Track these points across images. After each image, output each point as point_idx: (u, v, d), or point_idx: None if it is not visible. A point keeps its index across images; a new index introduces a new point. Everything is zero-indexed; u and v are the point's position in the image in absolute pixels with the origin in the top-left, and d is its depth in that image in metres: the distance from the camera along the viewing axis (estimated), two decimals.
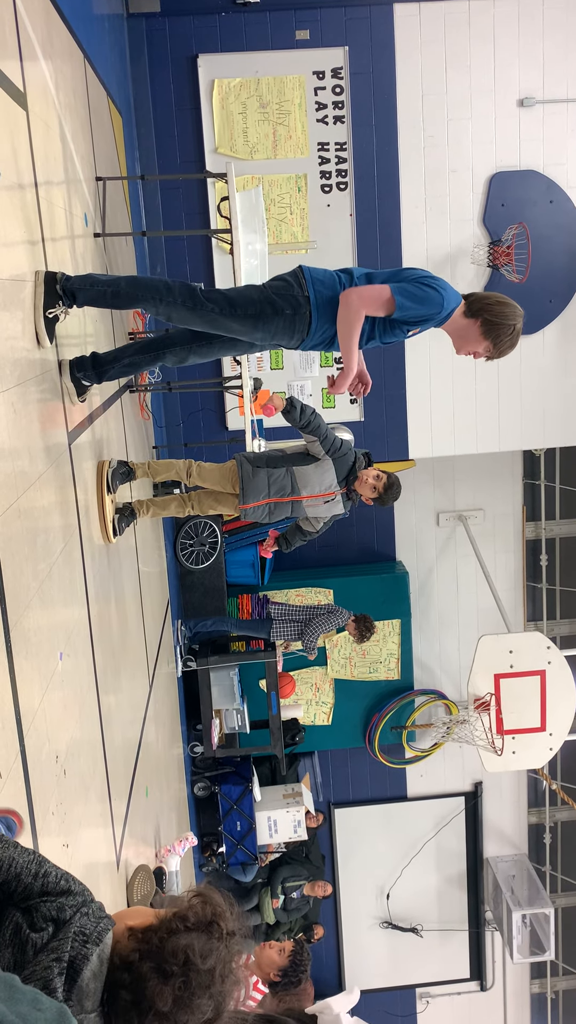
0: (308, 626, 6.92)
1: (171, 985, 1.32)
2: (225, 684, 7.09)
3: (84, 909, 1.37)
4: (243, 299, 3.38)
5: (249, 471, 4.57)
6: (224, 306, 3.37)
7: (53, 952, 1.29)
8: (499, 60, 6.93)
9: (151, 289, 3.36)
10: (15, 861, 1.41)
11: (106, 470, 3.99)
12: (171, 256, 7.03)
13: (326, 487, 4.59)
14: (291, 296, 3.36)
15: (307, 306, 3.35)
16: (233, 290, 3.45)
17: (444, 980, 9.52)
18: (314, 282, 3.37)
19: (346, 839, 9.10)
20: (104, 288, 3.29)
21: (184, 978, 1.33)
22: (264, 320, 3.39)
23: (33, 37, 3.19)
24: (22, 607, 2.44)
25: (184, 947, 1.36)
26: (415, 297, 3.28)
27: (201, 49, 6.76)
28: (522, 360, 7.40)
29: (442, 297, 3.30)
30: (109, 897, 3.43)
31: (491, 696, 7.15)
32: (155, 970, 1.33)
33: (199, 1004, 1.33)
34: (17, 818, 2.10)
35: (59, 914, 1.35)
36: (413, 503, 8.51)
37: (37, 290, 2.95)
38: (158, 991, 1.31)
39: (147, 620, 5.24)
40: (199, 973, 1.34)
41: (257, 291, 3.41)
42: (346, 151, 6.98)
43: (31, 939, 1.32)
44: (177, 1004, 1.32)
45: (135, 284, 3.36)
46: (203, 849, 7.29)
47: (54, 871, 1.43)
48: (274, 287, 3.40)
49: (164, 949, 1.36)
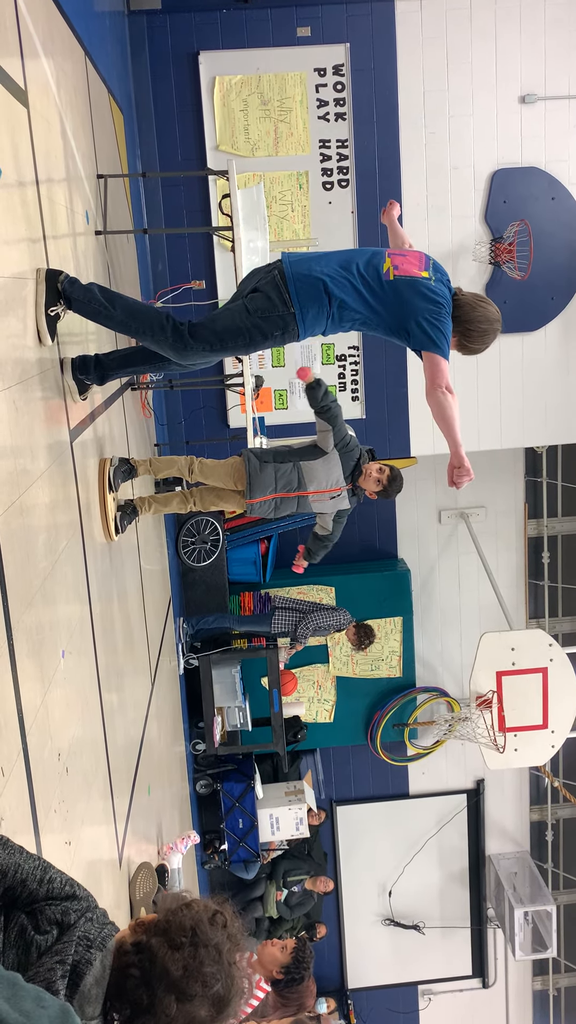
0: (306, 617, 6.92)
1: (181, 953, 1.35)
2: (227, 681, 7.09)
3: (89, 915, 1.39)
4: (231, 332, 3.33)
5: (256, 465, 4.58)
6: (213, 342, 3.34)
7: (57, 955, 1.30)
8: (501, 56, 6.92)
9: (144, 323, 3.33)
10: (20, 867, 1.42)
11: (108, 468, 3.98)
12: (172, 254, 7.03)
13: (332, 482, 4.61)
14: (277, 317, 3.29)
15: (293, 323, 3.31)
16: (219, 321, 3.35)
17: (446, 977, 9.52)
18: (299, 295, 3.28)
19: (348, 836, 9.10)
20: (99, 307, 3.27)
21: (193, 949, 1.36)
22: (255, 345, 3.39)
23: (34, 34, 3.19)
24: (24, 605, 2.44)
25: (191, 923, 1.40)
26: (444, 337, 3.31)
27: (202, 46, 6.75)
28: (524, 357, 7.39)
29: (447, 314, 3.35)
30: (111, 895, 3.43)
31: (493, 693, 7.16)
32: (165, 943, 1.37)
33: (209, 974, 1.36)
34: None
35: (64, 918, 1.37)
36: (415, 501, 8.50)
37: (39, 287, 2.95)
38: (169, 958, 1.34)
39: (149, 618, 5.24)
40: (207, 947, 1.38)
41: (243, 317, 3.32)
42: (347, 148, 6.97)
43: (36, 941, 1.33)
44: (187, 971, 1.34)
45: (130, 314, 3.32)
46: (205, 847, 7.30)
47: (59, 877, 1.44)
48: (259, 309, 3.30)
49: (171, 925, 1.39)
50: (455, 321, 3.39)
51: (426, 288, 3.31)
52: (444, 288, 3.38)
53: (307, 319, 3.31)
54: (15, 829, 2.19)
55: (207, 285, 6.87)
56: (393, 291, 3.32)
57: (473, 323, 3.38)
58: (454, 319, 3.38)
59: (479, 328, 3.39)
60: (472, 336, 3.41)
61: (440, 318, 3.29)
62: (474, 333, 3.40)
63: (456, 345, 3.45)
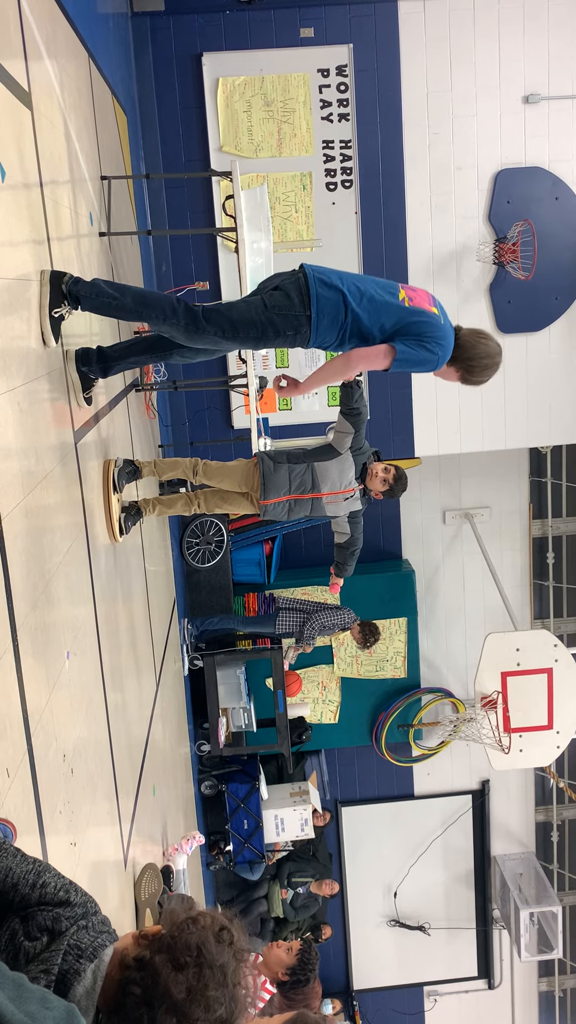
0: (311, 617, 6.92)
1: (185, 975, 1.29)
2: (232, 682, 7.09)
3: (83, 922, 1.34)
4: (245, 322, 3.36)
5: (270, 466, 4.61)
6: (226, 329, 3.36)
7: (43, 963, 1.26)
8: (504, 56, 6.91)
9: (155, 308, 3.35)
10: (11, 871, 1.39)
11: (112, 469, 3.99)
12: (176, 255, 7.03)
13: (346, 483, 4.67)
14: (293, 316, 3.33)
15: (307, 326, 3.35)
16: (236, 310, 3.39)
17: (452, 978, 9.51)
18: (319, 302, 3.32)
19: (353, 837, 9.09)
20: (109, 300, 3.29)
21: (197, 969, 1.30)
22: (266, 341, 3.42)
23: (38, 36, 3.19)
24: (29, 606, 2.45)
25: (197, 942, 1.33)
26: (412, 362, 3.38)
27: (206, 47, 6.76)
28: (528, 357, 7.38)
29: (438, 359, 3.42)
30: (116, 896, 3.43)
31: (498, 694, 7.14)
32: (168, 962, 1.30)
33: (213, 997, 1.30)
34: (12, 826, 2.09)
35: (54, 925, 1.33)
36: (419, 501, 8.49)
37: (43, 289, 2.95)
38: (172, 979, 1.28)
39: (153, 619, 5.24)
40: (212, 968, 1.32)
41: (259, 311, 3.36)
42: (351, 149, 6.97)
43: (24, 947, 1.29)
44: (191, 994, 1.28)
45: (140, 301, 3.35)
46: (210, 847, 7.29)
47: (54, 881, 1.40)
48: (277, 306, 3.34)
49: (177, 944, 1.33)
50: (458, 358, 3.49)
51: (435, 324, 3.41)
52: (449, 327, 3.47)
53: (321, 325, 3.35)
54: (21, 830, 2.19)
55: (211, 286, 6.88)
56: (407, 312, 3.40)
57: (475, 359, 3.49)
58: (456, 355, 3.48)
59: (481, 364, 3.50)
60: (475, 371, 3.52)
61: (427, 348, 3.38)
62: (476, 368, 3.51)
63: (460, 379, 3.56)
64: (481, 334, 3.52)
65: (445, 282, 7.23)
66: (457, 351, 3.47)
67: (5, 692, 2.19)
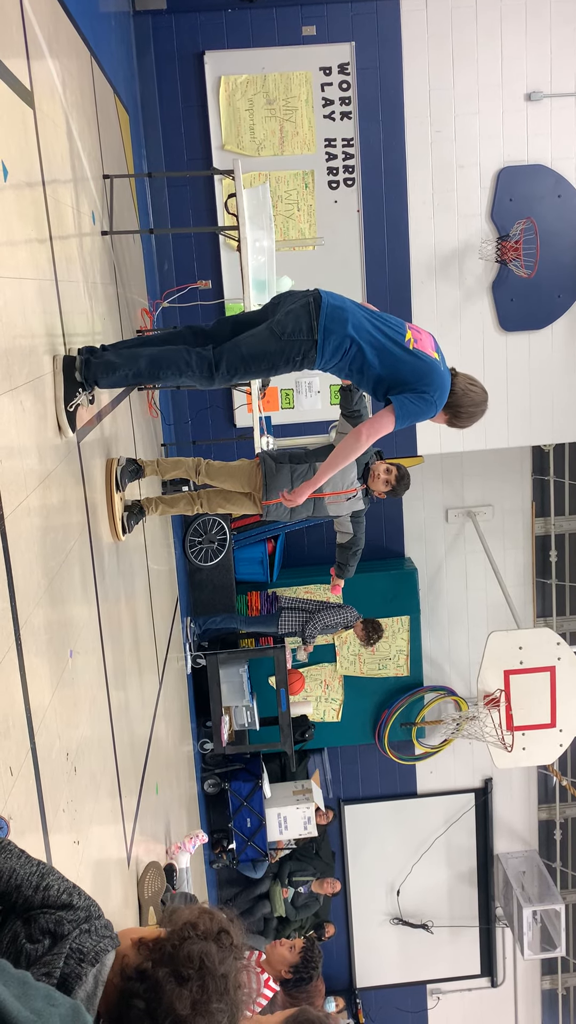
0: (313, 616, 6.91)
1: (188, 988, 1.29)
2: (235, 681, 7.09)
3: (86, 926, 1.34)
4: (256, 356, 3.41)
5: (272, 467, 4.61)
6: (239, 367, 3.42)
7: (44, 966, 1.26)
8: (506, 54, 6.90)
9: (169, 367, 3.41)
10: (15, 872, 1.39)
11: (115, 468, 3.99)
12: (178, 253, 7.03)
13: (348, 484, 4.66)
14: (300, 342, 3.38)
15: (314, 350, 3.39)
16: (245, 344, 3.43)
17: (455, 976, 9.52)
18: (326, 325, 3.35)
19: (356, 835, 9.10)
20: (126, 372, 3.35)
21: (201, 982, 1.30)
22: (276, 370, 3.48)
23: (40, 35, 3.19)
24: (32, 605, 2.45)
25: (199, 952, 1.32)
26: (412, 415, 3.47)
27: (208, 46, 6.76)
28: (531, 356, 7.38)
29: (436, 407, 3.51)
30: (120, 894, 3.44)
31: (501, 692, 7.14)
32: (171, 975, 1.30)
33: (216, 1009, 1.30)
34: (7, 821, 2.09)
35: (57, 928, 1.32)
36: (422, 500, 8.49)
37: (56, 379, 2.99)
38: (176, 995, 1.28)
39: (156, 617, 5.24)
40: (215, 978, 1.31)
41: (268, 341, 3.40)
42: (353, 147, 6.97)
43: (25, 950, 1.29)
44: (195, 1009, 1.28)
45: (155, 364, 3.40)
46: (213, 846, 7.30)
47: (57, 884, 1.40)
48: (285, 332, 3.38)
49: (178, 955, 1.32)
50: (448, 404, 3.56)
51: (435, 369, 3.46)
52: (447, 374, 3.54)
53: (326, 350, 3.39)
54: (24, 829, 2.19)
55: (213, 285, 6.88)
56: (410, 355, 3.44)
57: (464, 407, 3.58)
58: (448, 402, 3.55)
59: (468, 411, 3.60)
60: (461, 417, 3.62)
61: (426, 400, 3.44)
62: (464, 415, 3.61)
63: (447, 422, 3.66)
64: (472, 381, 3.61)
65: (447, 280, 7.23)
66: (449, 396, 3.54)
67: (8, 690, 2.19)
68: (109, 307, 4.33)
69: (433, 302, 7.22)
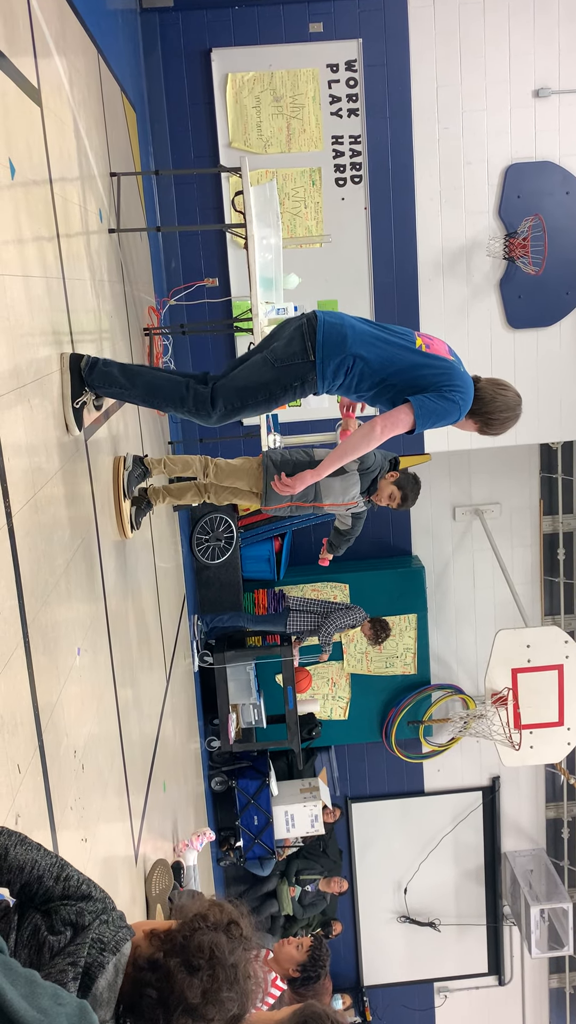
0: (327, 619, 6.90)
1: (199, 978, 1.33)
2: (241, 679, 7.10)
3: (104, 917, 1.37)
4: (252, 387, 3.30)
5: (274, 475, 4.59)
6: (234, 401, 3.33)
7: (69, 956, 1.29)
8: (514, 50, 6.88)
9: (164, 398, 3.37)
10: (37, 863, 1.42)
11: (122, 471, 3.98)
12: (185, 251, 7.03)
13: (349, 498, 4.65)
14: (297, 366, 3.25)
15: (313, 373, 3.26)
16: (240, 377, 3.33)
17: (462, 975, 9.51)
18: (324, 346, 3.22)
19: (363, 834, 9.09)
20: (120, 390, 3.33)
21: (211, 972, 1.34)
22: (275, 400, 3.36)
23: (47, 33, 3.19)
24: (39, 602, 2.45)
25: (209, 943, 1.36)
26: (434, 415, 3.22)
27: (214, 43, 6.75)
28: (538, 353, 7.36)
29: (460, 409, 3.26)
30: (128, 892, 3.44)
31: (508, 691, 7.13)
32: (182, 965, 1.33)
33: (227, 998, 1.34)
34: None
35: (78, 919, 1.35)
36: (429, 498, 8.47)
37: (63, 377, 3.00)
38: (187, 984, 1.32)
39: (164, 615, 5.25)
40: (225, 968, 1.35)
41: (263, 370, 3.29)
42: (360, 144, 6.95)
43: (48, 942, 1.32)
44: (206, 997, 1.32)
45: (149, 391, 3.36)
46: (220, 843, 7.31)
47: (76, 875, 1.43)
48: (280, 358, 3.25)
49: (189, 945, 1.36)
50: (476, 411, 3.34)
51: (455, 371, 3.27)
52: (469, 377, 3.33)
53: (327, 372, 3.25)
54: (32, 826, 2.20)
55: (220, 282, 6.87)
56: (424, 358, 3.27)
57: (495, 413, 3.34)
58: (476, 409, 3.33)
59: (500, 417, 3.36)
60: (493, 424, 3.37)
61: (448, 399, 3.22)
62: (495, 422, 3.37)
63: (478, 430, 3.42)
64: (500, 384, 3.37)
65: (455, 277, 7.21)
66: (476, 403, 3.31)
67: (16, 688, 2.20)
68: (116, 305, 4.34)
69: (441, 299, 7.20)
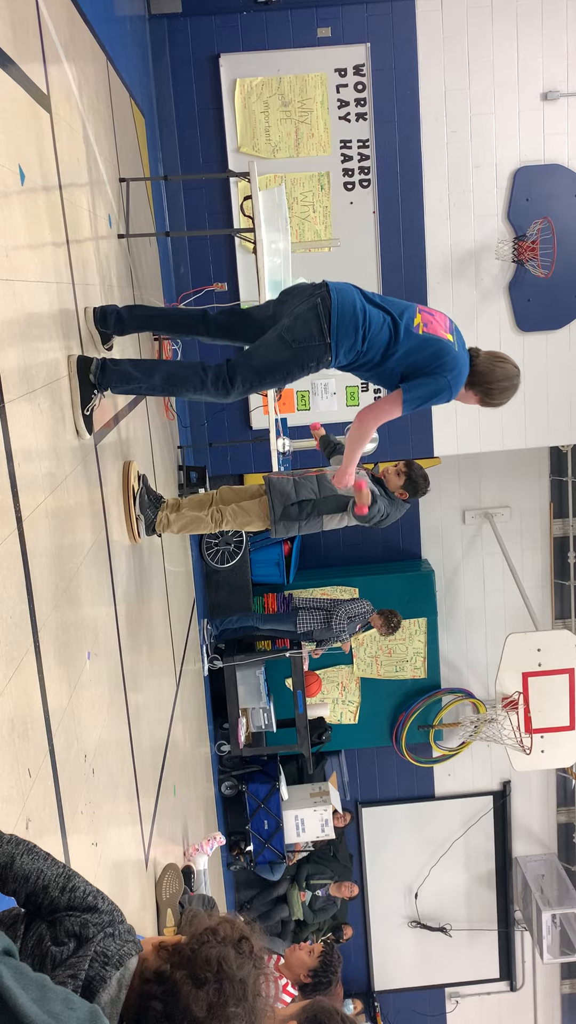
0: (333, 612, 6.86)
1: (205, 991, 1.29)
2: (251, 683, 7.09)
3: (110, 930, 1.35)
4: (270, 367, 3.37)
5: (279, 513, 4.62)
6: (253, 380, 3.39)
7: (70, 968, 1.27)
8: (522, 54, 6.87)
9: (184, 384, 3.39)
10: (43, 873, 1.40)
11: (133, 476, 3.99)
12: (194, 256, 7.04)
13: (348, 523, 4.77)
14: (314, 347, 3.32)
15: (328, 354, 3.35)
16: (257, 356, 3.39)
17: (473, 980, 9.47)
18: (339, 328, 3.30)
19: (374, 838, 9.07)
20: (138, 384, 3.35)
21: (218, 985, 1.30)
22: (291, 378, 3.44)
23: (56, 39, 3.20)
24: (50, 607, 2.45)
25: (217, 956, 1.32)
26: (423, 396, 3.37)
27: (223, 48, 6.77)
28: (548, 356, 7.34)
29: (450, 385, 3.37)
30: (138, 896, 3.44)
31: (519, 695, 7.11)
32: (189, 977, 1.30)
33: (233, 1013, 1.30)
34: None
35: (82, 930, 1.33)
36: (439, 501, 8.46)
37: (72, 383, 3.00)
38: (193, 997, 1.28)
39: (173, 619, 5.25)
40: (232, 983, 1.31)
41: (280, 350, 3.35)
42: (369, 148, 6.96)
43: (51, 952, 1.30)
44: (211, 1012, 1.28)
45: (170, 381, 3.39)
46: (231, 848, 7.30)
47: (83, 886, 1.41)
48: (297, 339, 3.31)
49: (197, 958, 1.32)
50: (475, 382, 3.45)
51: (445, 349, 3.36)
52: (463, 354, 3.42)
53: (340, 352, 3.35)
54: (42, 830, 2.20)
55: (229, 287, 6.88)
56: (418, 342, 3.36)
57: (494, 383, 3.45)
58: (474, 380, 3.44)
59: (500, 386, 3.46)
60: (493, 393, 3.48)
61: (438, 381, 3.35)
62: (495, 391, 3.47)
63: (479, 402, 3.53)
64: (498, 356, 3.49)
65: (464, 281, 7.20)
66: (475, 376, 3.43)
67: (27, 692, 2.20)
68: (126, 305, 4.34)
69: (450, 303, 7.19)
